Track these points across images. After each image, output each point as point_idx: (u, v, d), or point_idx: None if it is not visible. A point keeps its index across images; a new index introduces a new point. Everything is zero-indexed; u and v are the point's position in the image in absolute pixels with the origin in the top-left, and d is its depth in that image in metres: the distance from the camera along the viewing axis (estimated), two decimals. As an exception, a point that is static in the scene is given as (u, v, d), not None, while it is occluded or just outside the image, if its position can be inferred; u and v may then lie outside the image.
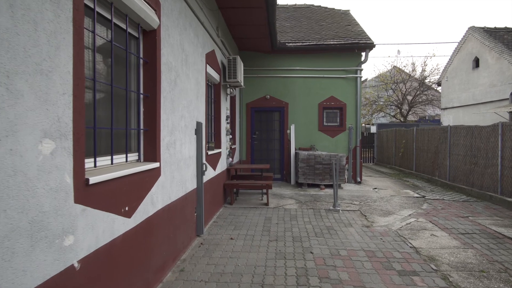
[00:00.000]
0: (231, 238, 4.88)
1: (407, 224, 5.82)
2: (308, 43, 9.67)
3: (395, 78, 25.09)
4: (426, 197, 8.09)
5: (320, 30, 10.57)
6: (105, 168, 2.53)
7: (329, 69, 9.92)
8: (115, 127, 2.81)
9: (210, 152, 5.74)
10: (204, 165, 4.90)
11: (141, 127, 3.25)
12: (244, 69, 9.85)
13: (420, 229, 5.49)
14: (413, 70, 25.00)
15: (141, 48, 3.27)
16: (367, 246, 4.65)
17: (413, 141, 12.48)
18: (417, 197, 8.17)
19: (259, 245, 4.60)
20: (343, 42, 9.64)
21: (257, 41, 8.71)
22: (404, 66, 32.63)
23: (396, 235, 5.18)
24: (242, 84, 7.34)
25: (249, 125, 10.20)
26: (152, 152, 3.27)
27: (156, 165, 3.21)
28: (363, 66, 9.89)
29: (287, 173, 10.09)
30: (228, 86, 7.48)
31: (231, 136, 7.89)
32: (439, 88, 22.89)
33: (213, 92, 6.74)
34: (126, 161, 2.92)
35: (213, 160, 6.07)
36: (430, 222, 5.92)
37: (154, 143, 3.27)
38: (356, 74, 9.88)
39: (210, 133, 6.53)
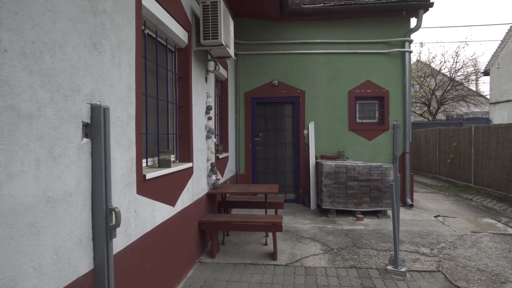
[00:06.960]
0: None
1: None
2: (334, 3, 6.68)
3: (423, 71, 21.87)
4: (532, 236, 4.99)
5: (347, -9, 7.57)
6: None
7: (364, 41, 6.88)
8: None
9: (157, 174, 2.81)
10: (113, 212, 1.97)
11: None
12: (243, 44, 6.94)
13: None
14: (444, 61, 21.76)
15: None
16: None
17: (470, 144, 9.44)
18: (516, 234, 5.07)
19: None
20: (384, 0, 6.62)
21: (259, -5, 5.79)
22: (432, 57, 29.33)
23: None
24: (232, 52, 4.38)
25: (250, 123, 7.25)
26: None
27: None
28: (413, 36, 6.84)
29: (304, 192, 7.08)
30: (209, 57, 4.55)
31: (215, 140, 4.93)
32: (481, 82, 19.54)
33: (175, 61, 3.82)
34: None
35: (170, 187, 3.14)
36: None
37: None
38: (404, 47, 6.82)
39: (164, 134, 3.61)
